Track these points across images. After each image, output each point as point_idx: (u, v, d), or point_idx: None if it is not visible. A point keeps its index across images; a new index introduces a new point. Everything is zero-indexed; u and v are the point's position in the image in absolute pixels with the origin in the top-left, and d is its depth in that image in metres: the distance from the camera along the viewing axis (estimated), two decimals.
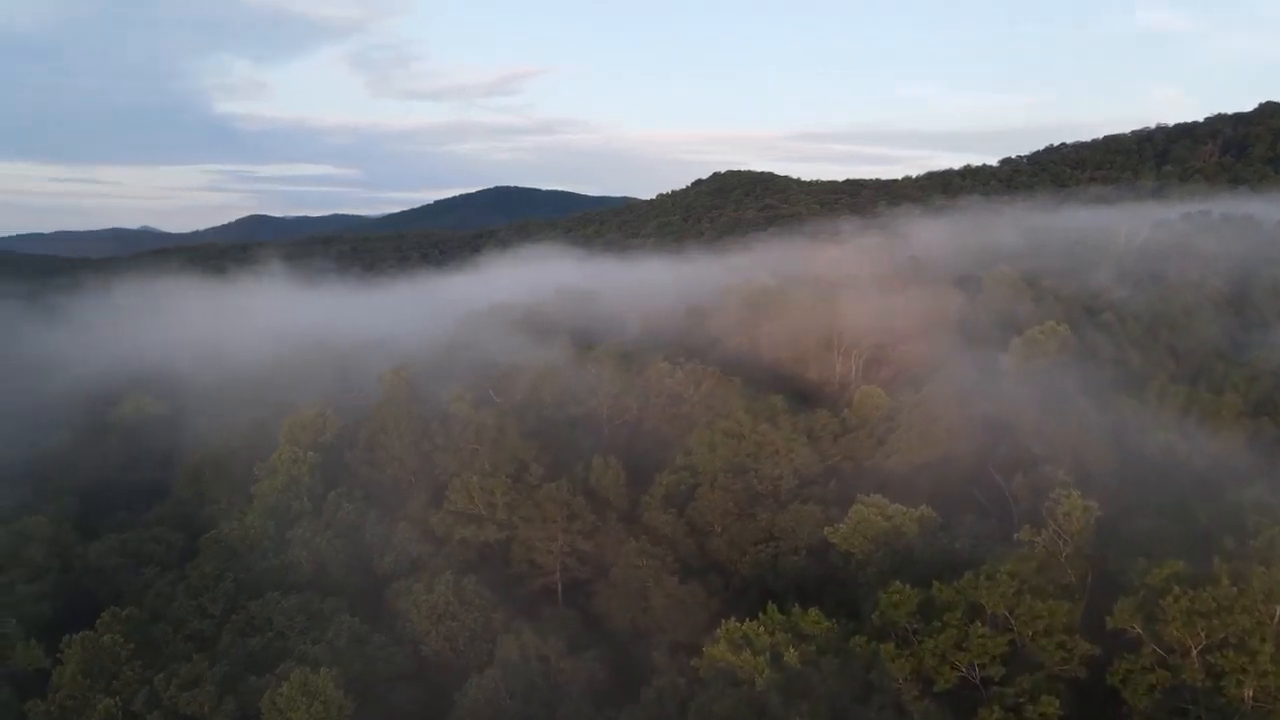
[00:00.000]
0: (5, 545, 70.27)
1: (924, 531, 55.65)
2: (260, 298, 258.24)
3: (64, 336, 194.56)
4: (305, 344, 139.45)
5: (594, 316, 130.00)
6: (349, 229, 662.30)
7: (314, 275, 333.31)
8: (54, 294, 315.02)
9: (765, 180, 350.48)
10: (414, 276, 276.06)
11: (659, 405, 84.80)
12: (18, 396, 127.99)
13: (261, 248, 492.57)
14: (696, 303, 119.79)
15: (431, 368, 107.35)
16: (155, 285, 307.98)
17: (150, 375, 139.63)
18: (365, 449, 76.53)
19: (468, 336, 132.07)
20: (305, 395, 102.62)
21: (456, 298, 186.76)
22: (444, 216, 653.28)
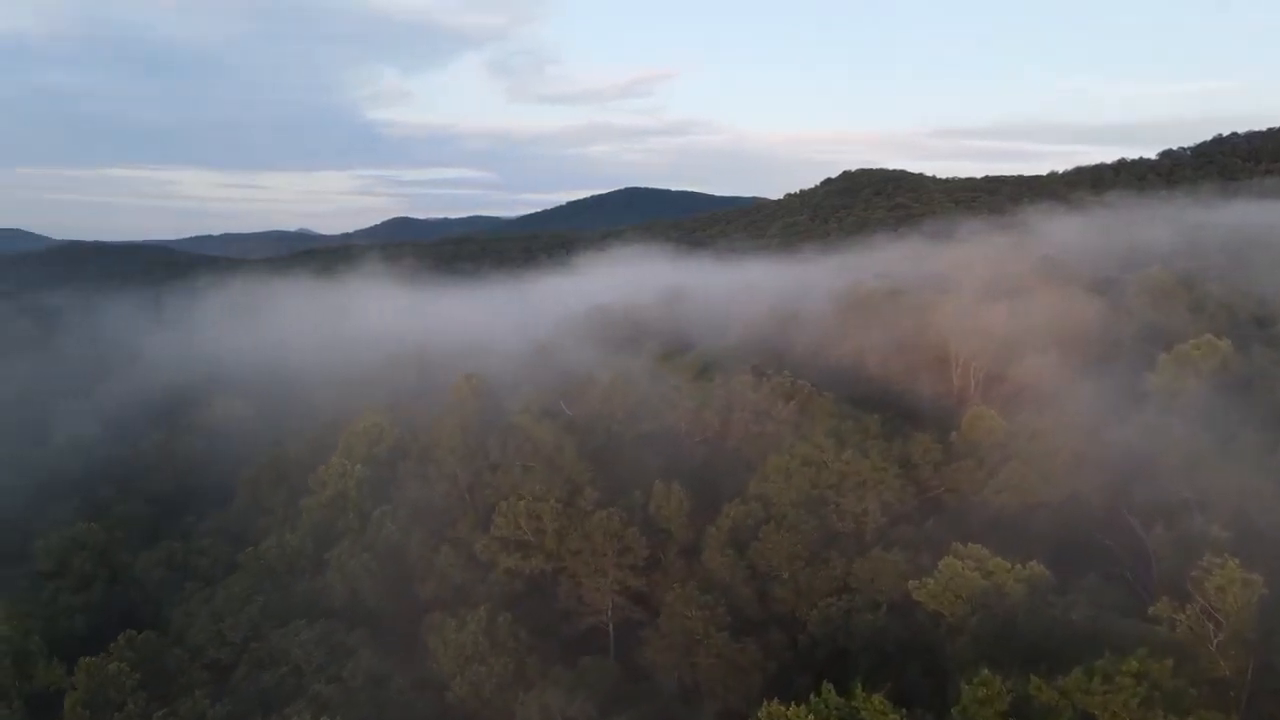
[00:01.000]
0: (57, 552, 68.64)
1: (1032, 595, 45.26)
2: (383, 298, 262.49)
3: (206, 334, 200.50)
4: (408, 345, 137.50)
5: (693, 321, 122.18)
6: (485, 230, 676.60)
7: (443, 275, 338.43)
8: (212, 292, 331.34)
9: (897, 178, 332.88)
10: (537, 276, 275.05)
11: (741, 422, 76.14)
12: (143, 393, 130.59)
13: (399, 248, 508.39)
14: (803, 307, 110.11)
15: (518, 373, 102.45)
16: (300, 285, 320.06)
17: (257, 374, 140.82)
18: (417, 463, 71.36)
19: (561, 340, 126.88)
20: (389, 399, 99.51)
21: (569, 298, 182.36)
22: (576, 217, 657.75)
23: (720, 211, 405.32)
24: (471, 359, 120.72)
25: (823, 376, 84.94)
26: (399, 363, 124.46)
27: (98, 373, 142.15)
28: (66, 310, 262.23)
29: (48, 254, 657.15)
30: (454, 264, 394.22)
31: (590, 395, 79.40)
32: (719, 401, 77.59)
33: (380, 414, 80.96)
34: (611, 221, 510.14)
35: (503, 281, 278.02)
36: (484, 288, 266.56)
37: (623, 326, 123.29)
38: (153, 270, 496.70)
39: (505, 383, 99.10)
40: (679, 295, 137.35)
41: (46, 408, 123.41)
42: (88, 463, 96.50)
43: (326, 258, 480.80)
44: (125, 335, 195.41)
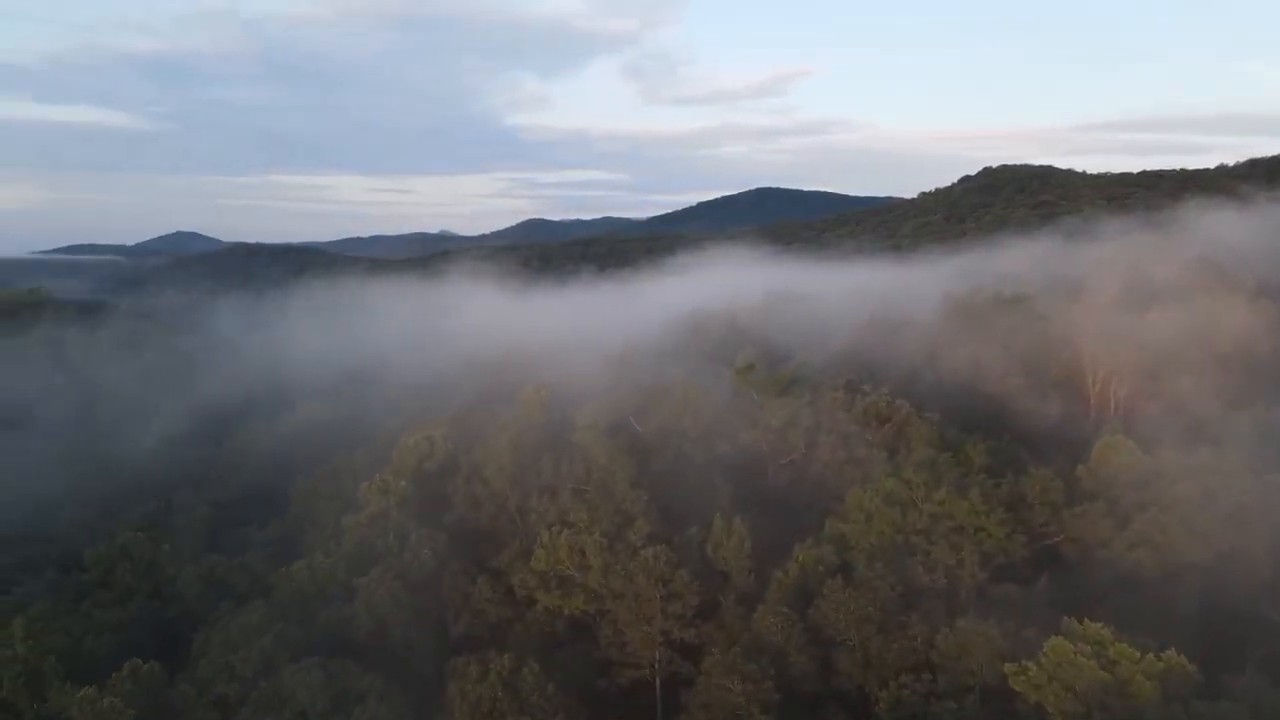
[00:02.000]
0: (105, 562, 66.37)
1: (1168, 696, 34.96)
2: (500, 298, 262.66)
3: (324, 333, 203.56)
4: (498, 349, 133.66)
5: (796, 328, 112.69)
6: (616, 231, 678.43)
7: (567, 276, 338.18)
8: (350, 291, 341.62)
9: (1043, 175, 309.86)
10: (654, 277, 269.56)
11: (828, 446, 66.92)
12: (245, 392, 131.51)
13: (528, 249, 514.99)
14: (913, 314, 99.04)
15: (601, 382, 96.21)
16: (430, 285, 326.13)
17: (360, 375, 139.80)
18: (465, 482, 65.53)
19: (652, 346, 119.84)
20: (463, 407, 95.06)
21: (677, 300, 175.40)
22: (705, 218, 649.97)
23: (851, 212, 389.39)
24: (561, 364, 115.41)
25: (928, 394, 74.62)
26: (484, 367, 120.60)
27: (211, 371, 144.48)
28: (207, 310, 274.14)
29: (218, 255, 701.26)
30: (580, 265, 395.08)
31: (663, 409, 71.79)
32: (805, 421, 68.60)
33: (439, 425, 75.90)
34: (740, 222, 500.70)
35: (621, 282, 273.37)
36: (601, 289, 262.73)
37: (718, 333, 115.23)
38: (304, 270, 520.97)
39: (585, 392, 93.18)
40: (785, 300, 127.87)
41: (154, 406, 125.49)
42: (171, 465, 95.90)
43: (459, 258, 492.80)
44: (252, 334, 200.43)
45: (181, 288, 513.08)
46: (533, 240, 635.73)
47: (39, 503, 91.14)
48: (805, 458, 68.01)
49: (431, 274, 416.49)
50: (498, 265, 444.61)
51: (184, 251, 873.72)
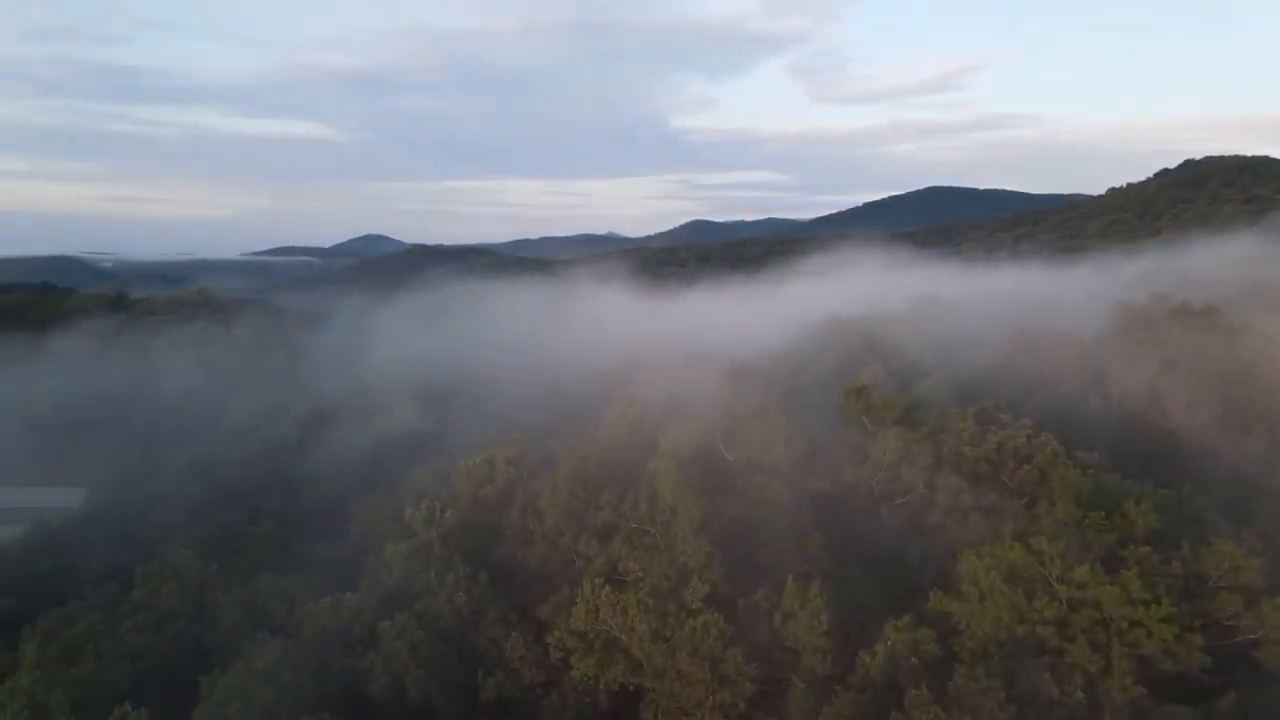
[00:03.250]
0: (151, 579, 62.67)
1: None
2: (649, 299, 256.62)
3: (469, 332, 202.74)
4: (621, 355, 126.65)
5: (940, 339, 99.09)
6: (777, 232, 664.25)
7: (722, 277, 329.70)
8: (512, 291, 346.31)
9: (1257, 166, 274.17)
10: (806, 280, 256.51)
11: (951, 489, 54.69)
12: (379, 393, 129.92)
13: (687, 249, 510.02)
14: (1081, 325, 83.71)
15: (714, 396, 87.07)
16: (591, 287, 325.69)
17: (485, 377, 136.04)
18: (519, 514, 57.52)
19: (779, 354, 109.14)
20: (553, 420, 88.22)
21: (825, 304, 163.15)
22: (872, 219, 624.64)
23: (1027, 211, 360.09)
24: (678, 374, 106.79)
25: (1086, 428, 60.87)
26: (601, 376, 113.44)
27: (343, 371, 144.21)
28: (366, 309, 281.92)
29: (398, 256, 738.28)
30: (736, 267, 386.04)
31: (754, 436, 61.39)
32: (924, 457, 56.57)
33: (512, 444, 68.56)
34: (907, 223, 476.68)
35: (771, 285, 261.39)
36: (750, 292, 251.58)
37: (850, 343, 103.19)
38: (474, 271, 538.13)
39: (688, 408, 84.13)
40: (931, 307, 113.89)
41: (281, 405, 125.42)
42: (274, 467, 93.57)
43: (619, 259, 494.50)
44: (400, 333, 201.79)
45: (359, 287, 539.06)
46: (695, 242, 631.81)
47: (142, 505, 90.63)
48: (922, 502, 56.00)
49: (590, 275, 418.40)
50: (654, 267, 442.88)
51: (370, 253, 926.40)
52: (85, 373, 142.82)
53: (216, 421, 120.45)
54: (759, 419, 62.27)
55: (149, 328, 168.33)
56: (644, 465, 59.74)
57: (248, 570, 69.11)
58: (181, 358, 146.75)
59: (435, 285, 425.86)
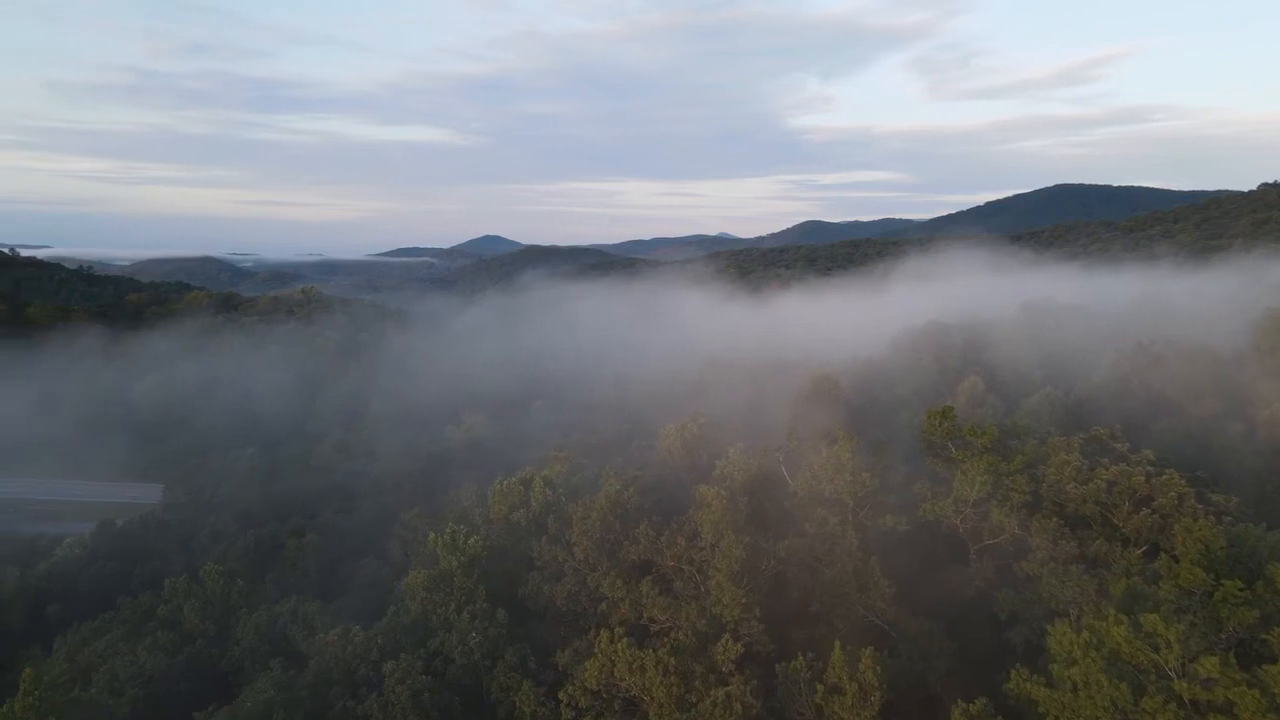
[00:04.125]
0: (177, 595, 59.85)
1: None
2: (748, 302, 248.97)
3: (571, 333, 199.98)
4: (714, 358, 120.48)
5: (1051, 350, 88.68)
6: (891, 233, 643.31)
7: (827, 278, 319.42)
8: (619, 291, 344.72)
9: None
10: (914, 281, 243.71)
11: (1053, 531, 45.97)
12: (458, 396, 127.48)
13: (797, 251, 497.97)
14: (1218, 336, 72.45)
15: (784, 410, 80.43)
16: (700, 287, 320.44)
17: (566, 381, 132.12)
18: (549, 544, 51.66)
19: (873, 361, 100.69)
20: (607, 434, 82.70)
21: (931, 307, 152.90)
22: (994, 218, 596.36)
23: (1164, 210, 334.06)
24: (755, 382, 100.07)
25: (1222, 462, 50.87)
26: (680, 382, 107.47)
27: (425, 374, 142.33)
28: (468, 309, 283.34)
29: (513, 256, 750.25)
30: (846, 267, 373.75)
31: (821, 462, 53.88)
32: (1021, 492, 48.06)
33: (558, 459, 63.01)
34: (1032, 222, 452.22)
35: (877, 287, 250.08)
36: (855, 293, 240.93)
37: (951, 351, 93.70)
38: (586, 271, 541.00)
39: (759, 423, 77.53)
40: (1043, 312, 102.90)
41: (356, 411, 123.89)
42: (330, 476, 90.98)
43: (728, 260, 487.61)
44: (500, 333, 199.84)
45: (470, 287, 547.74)
46: (808, 242, 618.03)
47: (203, 509, 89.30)
48: (1015, 547, 47.50)
49: (695, 276, 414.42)
50: (761, 268, 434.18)
51: (486, 253, 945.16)
52: (179, 370, 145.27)
53: (292, 422, 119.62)
54: (827, 440, 54.66)
55: (247, 328, 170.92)
56: (686, 491, 53.29)
57: (283, 586, 65.93)
58: (270, 357, 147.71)
59: (541, 285, 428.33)
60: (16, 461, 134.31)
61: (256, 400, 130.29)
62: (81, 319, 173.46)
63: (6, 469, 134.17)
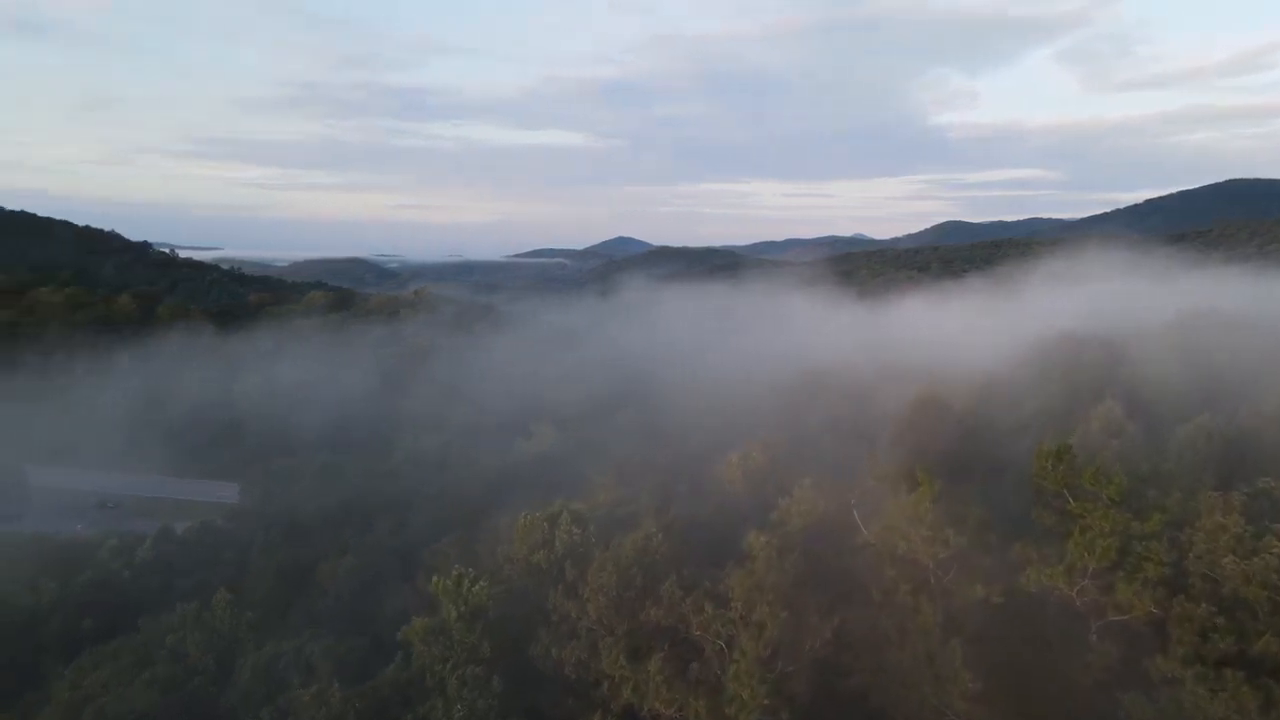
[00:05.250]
0: (187, 624, 55.22)
1: None
2: (874, 306, 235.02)
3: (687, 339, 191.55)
4: (819, 370, 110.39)
5: (1213, 370, 74.60)
6: (1036, 233, 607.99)
7: (965, 281, 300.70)
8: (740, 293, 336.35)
9: None
10: (1058, 285, 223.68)
11: (1200, 619, 34.85)
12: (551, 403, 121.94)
13: (932, 252, 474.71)
14: None
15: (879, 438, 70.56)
16: (824, 289, 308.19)
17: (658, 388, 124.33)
18: (564, 596, 43.66)
19: (998, 380, 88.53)
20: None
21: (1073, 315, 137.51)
22: (1151, 217, 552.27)
23: None
24: (857, 400, 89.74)
25: None
26: (780, 396, 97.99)
27: (511, 380, 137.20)
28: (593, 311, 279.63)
29: (643, 257, 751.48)
30: (983, 269, 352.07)
31: (900, 509, 43.84)
32: (1158, 562, 36.96)
33: (605, 487, 55.18)
34: (1196, 221, 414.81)
35: (1016, 290, 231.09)
36: (989, 298, 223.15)
37: (1089, 368, 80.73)
38: (715, 273, 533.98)
39: (856, 447, 67.51)
40: (1205, 325, 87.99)
41: (438, 418, 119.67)
42: (390, 490, 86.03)
43: (860, 262, 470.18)
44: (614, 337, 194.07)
45: (598, 288, 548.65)
46: (946, 243, 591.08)
47: (263, 518, 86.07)
48: (1149, 634, 36.49)
49: (822, 277, 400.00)
50: (893, 270, 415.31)
51: (617, 255, 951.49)
52: (280, 369, 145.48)
53: (376, 426, 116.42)
54: (909, 481, 44.50)
55: (352, 328, 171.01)
56: (734, 539, 44.32)
57: (311, 615, 60.65)
58: (368, 358, 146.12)
59: (663, 286, 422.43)
60: (123, 458, 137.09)
61: (348, 402, 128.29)
62: (199, 318, 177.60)
63: (114, 465, 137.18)
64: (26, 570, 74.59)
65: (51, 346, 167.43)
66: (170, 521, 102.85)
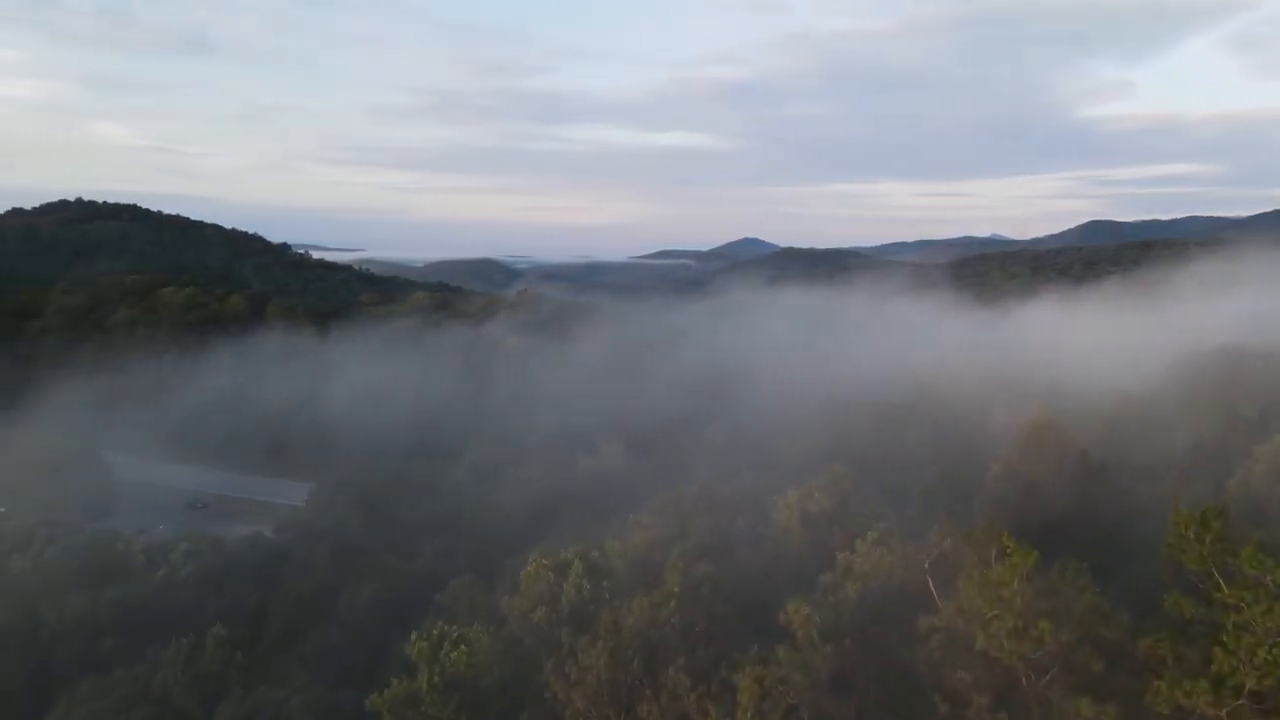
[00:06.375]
0: (178, 663, 50.13)
1: None
2: (1001, 311, 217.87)
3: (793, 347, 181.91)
4: (927, 384, 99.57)
5: None
6: (1200, 232, 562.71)
7: (1110, 285, 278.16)
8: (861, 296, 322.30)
9: None
10: (1219, 292, 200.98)
11: None
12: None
13: (1078, 252, 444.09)
14: None
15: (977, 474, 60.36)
16: (948, 292, 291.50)
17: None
18: (555, 669, 35.55)
19: (1136, 399, 75.98)
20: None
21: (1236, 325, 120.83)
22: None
23: None
24: (978, 414, 78.92)
25: None
26: (876, 412, 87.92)
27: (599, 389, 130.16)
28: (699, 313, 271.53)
29: (766, 259, 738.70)
30: (1132, 272, 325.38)
31: (990, 579, 33.79)
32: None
33: (644, 527, 47.00)
34: None
35: (1171, 295, 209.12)
36: (1139, 303, 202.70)
37: (1252, 392, 67.47)
38: (837, 274, 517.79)
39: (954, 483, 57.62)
40: None
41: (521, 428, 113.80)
42: (441, 508, 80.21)
43: (995, 263, 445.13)
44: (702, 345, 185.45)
45: (718, 290, 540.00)
46: (1089, 244, 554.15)
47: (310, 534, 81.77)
48: None
49: (948, 280, 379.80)
50: (1030, 273, 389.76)
51: (742, 256, 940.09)
52: (373, 370, 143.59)
53: (446, 434, 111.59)
54: (997, 543, 34.26)
55: (448, 330, 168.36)
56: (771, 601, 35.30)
57: (322, 654, 54.85)
58: (455, 362, 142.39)
59: (783, 289, 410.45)
60: (217, 455, 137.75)
61: (428, 406, 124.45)
62: (301, 318, 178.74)
63: (209, 462, 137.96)
64: (70, 578, 72.24)
65: (165, 345, 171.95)
66: (257, 524, 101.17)
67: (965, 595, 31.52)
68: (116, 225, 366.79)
